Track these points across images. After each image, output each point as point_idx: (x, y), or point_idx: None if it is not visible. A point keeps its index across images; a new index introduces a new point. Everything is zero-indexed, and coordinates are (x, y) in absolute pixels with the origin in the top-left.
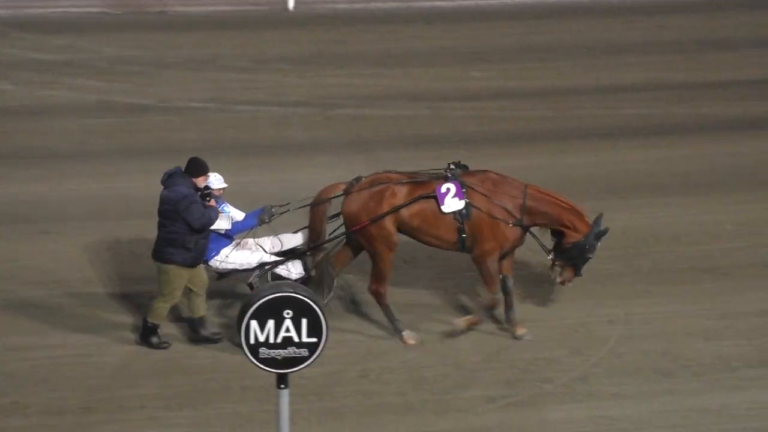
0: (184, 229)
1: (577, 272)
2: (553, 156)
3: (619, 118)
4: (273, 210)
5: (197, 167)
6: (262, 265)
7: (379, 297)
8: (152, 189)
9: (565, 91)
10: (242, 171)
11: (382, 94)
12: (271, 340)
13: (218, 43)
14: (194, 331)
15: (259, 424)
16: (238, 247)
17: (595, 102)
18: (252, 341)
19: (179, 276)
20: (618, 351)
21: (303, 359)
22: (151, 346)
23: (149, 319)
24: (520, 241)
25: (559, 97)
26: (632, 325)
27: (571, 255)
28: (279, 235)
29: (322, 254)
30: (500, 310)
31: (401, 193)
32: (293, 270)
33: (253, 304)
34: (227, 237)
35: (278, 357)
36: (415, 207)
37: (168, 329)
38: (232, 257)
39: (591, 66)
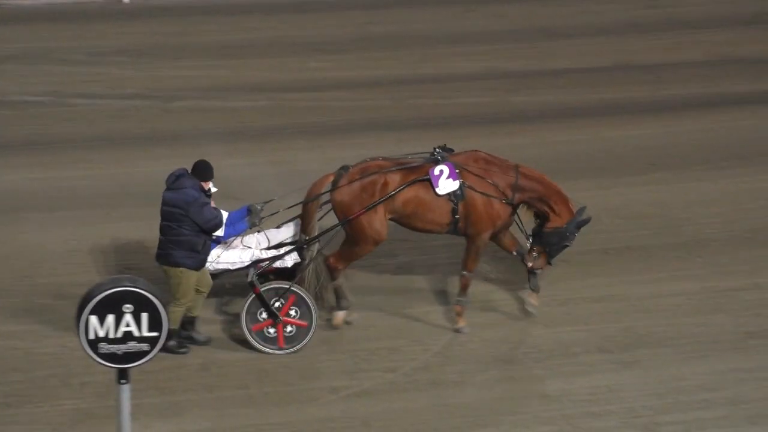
0: (192, 232)
1: (549, 260)
2: (393, 145)
3: (457, 107)
4: (260, 210)
5: (207, 170)
6: (256, 262)
7: (335, 272)
8: None
9: (404, 80)
10: (79, 165)
11: (220, 86)
12: (111, 335)
13: (53, 36)
14: (183, 329)
15: (100, 419)
16: (227, 246)
17: (433, 91)
18: (91, 336)
19: (190, 278)
20: (459, 339)
21: (144, 353)
22: (170, 350)
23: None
24: (510, 219)
25: (399, 87)
26: (473, 313)
27: (551, 240)
28: (264, 231)
29: (317, 247)
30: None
31: (394, 181)
32: (287, 258)
33: (92, 299)
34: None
35: (118, 352)
36: (409, 192)
37: (7, 325)
38: (224, 257)
39: (429, 55)
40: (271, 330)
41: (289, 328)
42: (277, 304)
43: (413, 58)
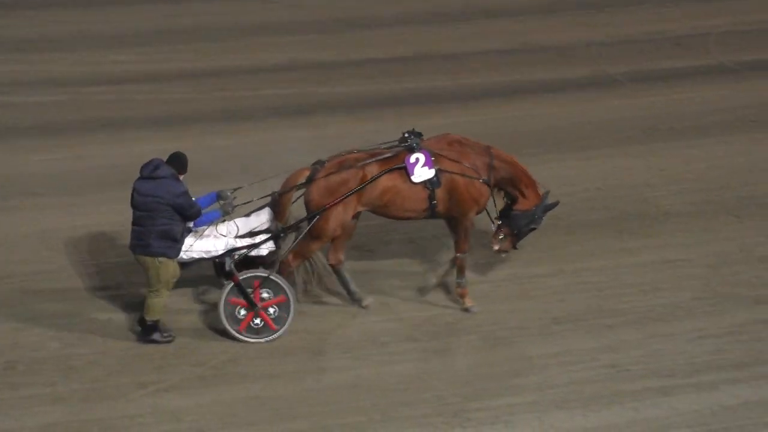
0: (170, 221)
1: (515, 243)
2: (200, 138)
3: (262, 98)
4: (230, 195)
5: (183, 162)
6: (231, 251)
7: (287, 268)
8: None
9: (208, 72)
10: None
11: (20, 81)
12: None
13: None
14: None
15: None
16: (199, 235)
17: (238, 83)
18: None
19: (169, 267)
20: None
21: None
22: (157, 342)
23: (148, 318)
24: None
25: (203, 79)
26: None
27: (518, 224)
28: (234, 220)
29: (294, 237)
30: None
31: (373, 173)
32: (263, 247)
33: None
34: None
35: None
36: (385, 182)
37: None
38: (196, 246)
39: (233, 47)
40: (257, 320)
41: (271, 310)
42: (265, 295)
43: (217, 50)
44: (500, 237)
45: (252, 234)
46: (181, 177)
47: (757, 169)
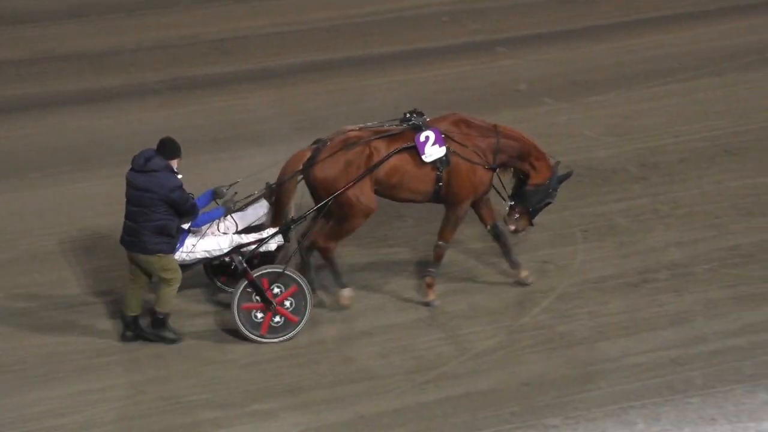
0: (165, 216)
1: (531, 220)
2: None
3: None
4: (226, 192)
5: (175, 148)
6: (237, 248)
7: (327, 252)
8: None
9: None
10: None
11: None
12: None
13: None
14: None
15: None
16: (200, 234)
17: None
18: None
19: (171, 258)
20: None
21: None
22: (167, 340)
23: (159, 309)
24: (491, 184)
25: None
26: None
27: (533, 199)
28: (231, 215)
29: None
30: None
31: (379, 151)
32: (271, 241)
33: None
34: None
35: None
36: (393, 162)
37: None
38: (199, 246)
39: None
40: (277, 318)
41: (277, 319)
42: (276, 290)
43: None
44: (515, 217)
45: (253, 228)
46: (177, 162)
47: None
